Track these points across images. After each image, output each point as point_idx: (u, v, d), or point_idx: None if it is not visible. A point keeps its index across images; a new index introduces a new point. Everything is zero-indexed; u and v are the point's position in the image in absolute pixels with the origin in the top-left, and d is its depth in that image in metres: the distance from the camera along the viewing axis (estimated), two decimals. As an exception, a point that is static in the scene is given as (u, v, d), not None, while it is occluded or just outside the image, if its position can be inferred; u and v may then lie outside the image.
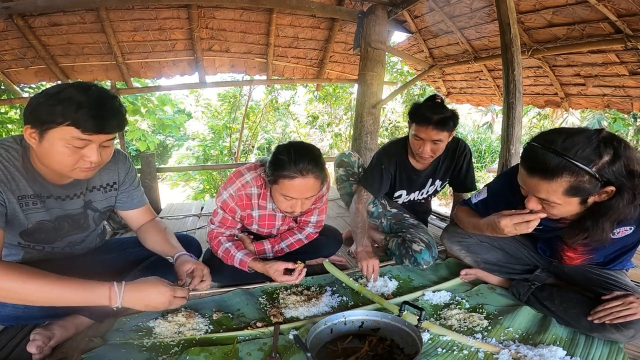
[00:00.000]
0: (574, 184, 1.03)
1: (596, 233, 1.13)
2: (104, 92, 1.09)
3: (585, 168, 1.01)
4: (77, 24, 3.56)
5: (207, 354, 1.16)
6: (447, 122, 1.73)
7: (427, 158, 1.85)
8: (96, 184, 1.33)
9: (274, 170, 1.37)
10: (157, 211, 3.74)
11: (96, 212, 1.37)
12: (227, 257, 1.59)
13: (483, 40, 3.78)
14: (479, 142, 13.49)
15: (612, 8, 2.59)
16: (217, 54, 4.33)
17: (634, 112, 3.49)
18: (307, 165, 1.33)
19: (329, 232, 1.90)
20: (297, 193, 1.36)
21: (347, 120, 9.65)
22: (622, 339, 1.18)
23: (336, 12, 3.94)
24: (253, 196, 1.56)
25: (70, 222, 1.29)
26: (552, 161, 1.03)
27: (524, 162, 1.13)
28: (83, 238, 1.38)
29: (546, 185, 1.06)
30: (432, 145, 1.78)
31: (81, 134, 1.04)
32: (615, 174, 1.01)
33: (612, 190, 1.04)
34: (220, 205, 1.58)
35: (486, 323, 1.34)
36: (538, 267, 1.55)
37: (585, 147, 1.01)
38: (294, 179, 1.34)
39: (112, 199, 1.39)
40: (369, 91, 3.83)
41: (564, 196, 1.07)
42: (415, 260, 1.80)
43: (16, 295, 0.95)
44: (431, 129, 1.73)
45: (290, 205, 1.41)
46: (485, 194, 1.53)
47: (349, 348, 1.18)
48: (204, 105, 10.24)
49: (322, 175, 1.40)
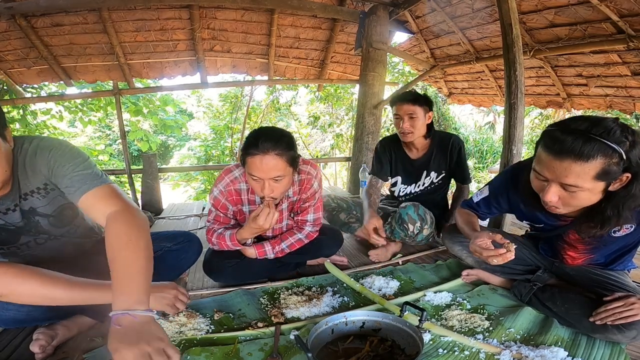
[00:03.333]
0: (606, 166, 1.02)
1: (617, 221, 1.13)
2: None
3: (619, 149, 1.00)
4: (79, 25, 3.57)
5: (208, 354, 1.16)
6: (419, 98, 2.04)
7: (408, 134, 2.06)
8: (27, 190, 1.11)
9: (242, 152, 1.45)
10: (159, 211, 3.75)
11: (48, 217, 1.19)
12: (220, 241, 1.59)
13: (485, 41, 3.77)
14: (481, 143, 13.46)
15: (614, 8, 2.58)
16: (219, 54, 4.34)
17: (636, 113, 3.48)
18: (267, 143, 1.37)
19: (329, 232, 1.91)
20: (260, 171, 1.40)
21: (348, 120, 9.65)
22: (623, 340, 1.18)
23: (337, 13, 3.95)
24: (242, 191, 1.60)
25: (20, 231, 1.16)
26: (586, 143, 1.01)
27: (552, 146, 1.07)
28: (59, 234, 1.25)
29: (579, 167, 1.03)
30: (409, 120, 2.03)
31: None
32: (634, 159, 1.02)
33: (628, 177, 1.04)
34: (213, 203, 1.61)
35: (487, 324, 1.33)
36: (540, 268, 1.55)
37: (617, 129, 1.01)
38: (255, 155, 1.39)
39: (59, 199, 1.18)
40: (371, 91, 3.83)
41: (593, 180, 1.04)
42: (400, 217, 1.91)
43: (28, 299, 0.96)
44: (405, 104, 2.03)
45: (260, 186, 1.44)
46: (487, 192, 1.53)
47: (350, 348, 1.18)
48: (206, 106, 10.27)
49: (286, 156, 1.41)
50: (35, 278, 0.97)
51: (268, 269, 1.76)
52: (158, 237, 1.53)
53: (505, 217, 2.53)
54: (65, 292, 1.00)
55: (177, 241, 1.52)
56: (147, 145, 7.20)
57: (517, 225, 2.68)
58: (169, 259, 1.45)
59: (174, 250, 1.49)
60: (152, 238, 1.50)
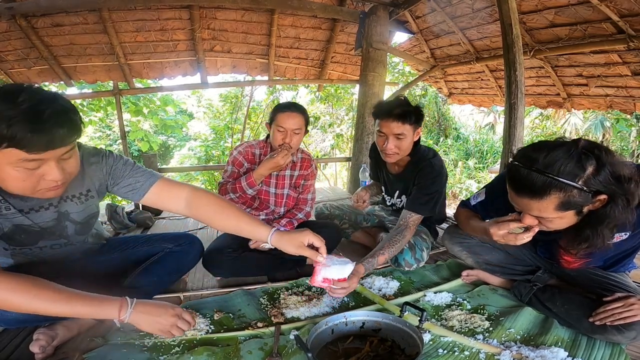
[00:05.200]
0: (564, 199, 1.02)
1: (597, 241, 1.12)
2: (39, 97, 0.89)
3: (571, 183, 0.99)
4: (79, 25, 3.58)
5: (210, 353, 1.16)
6: (409, 115, 1.69)
7: (392, 155, 1.76)
8: (69, 193, 1.17)
9: (273, 112, 1.85)
10: (159, 211, 3.74)
11: (76, 225, 1.23)
12: (236, 186, 1.80)
13: (485, 41, 3.77)
14: (481, 143, 13.47)
15: (614, 8, 2.58)
16: (219, 54, 4.34)
17: (636, 113, 3.48)
18: (294, 106, 1.85)
19: (328, 227, 1.96)
20: (287, 123, 1.78)
21: (348, 120, 9.66)
22: (623, 341, 1.18)
23: (337, 13, 3.95)
24: (256, 155, 1.94)
25: (42, 233, 1.17)
26: (537, 180, 1.02)
27: (511, 182, 1.12)
28: (74, 241, 1.27)
29: (537, 204, 1.06)
30: (395, 140, 1.71)
31: (27, 154, 0.88)
32: (603, 183, 1.00)
33: (605, 198, 1.03)
34: (231, 161, 1.90)
35: (487, 324, 1.33)
36: (540, 268, 1.55)
37: (568, 162, 0.99)
38: (285, 111, 1.81)
39: (92, 207, 1.26)
40: (371, 92, 3.83)
41: (556, 211, 1.06)
42: (396, 260, 1.77)
43: (28, 309, 0.95)
44: (392, 121, 1.68)
45: (283, 136, 1.80)
46: (484, 195, 1.53)
47: (350, 348, 1.18)
48: (206, 106, 10.29)
49: (305, 117, 1.84)
50: (33, 292, 0.94)
51: (267, 265, 1.78)
52: (160, 238, 1.54)
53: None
54: (64, 306, 0.97)
55: (179, 243, 1.52)
56: (147, 146, 7.21)
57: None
58: (170, 260, 1.45)
59: (176, 251, 1.50)
60: (153, 239, 1.54)
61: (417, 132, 1.77)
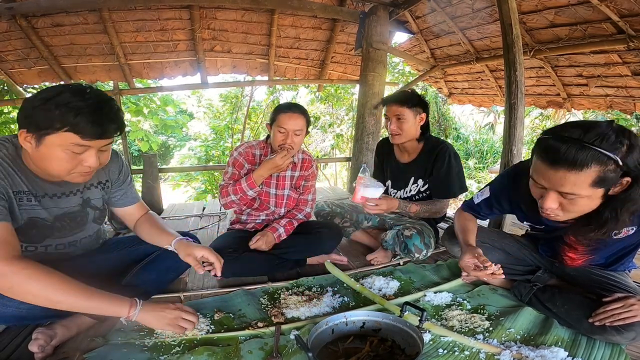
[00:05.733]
0: (602, 173, 1.00)
1: (614, 225, 1.12)
2: (101, 96, 1.08)
3: (613, 156, 0.98)
4: (79, 25, 3.57)
5: (210, 353, 1.16)
6: (409, 99, 1.95)
7: (396, 136, 2.00)
8: (93, 181, 1.33)
9: (274, 112, 1.84)
10: (159, 211, 3.74)
11: (96, 210, 1.36)
12: (237, 188, 1.80)
13: (485, 41, 3.77)
14: (481, 143, 13.45)
15: (615, 8, 2.58)
16: (219, 54, 4.34)
17: (636, 113, 3.48)
18: (295, 107, 1.84)
19: (329, 226, 1.98)
20: (288, 124, 1.78)
21: (348, 120, 9.64)
22: (622, 341, 1.18)
23: (337, 13, 3.95)
24: (256, 156, 1.94)
25: (69, 220, 1.27)
26: (579, 151, 1.00)
27: (545, 155, 1.07)
28: (80, 239, 1.34)
29: (574, 177, 1.02)
30: (396, 122, 1.96)
31: (80, 140, 1.04)
32: (633, 164, 1.00)
33: (628, 181, 1.03)
34: (232, 162, 1.89)
35: (487, 324, 1.34)
36: (540, 268, 1.55)
37: (609, 137, 0.99)
38: (287, 112, 1.80)
39: (105, 196, 1.41)
40: (371, 92, 3.83)
41: (591, 187, 1.03)
42: (406, 247, 1.84)
43: (44, 301, 1.01)
44: (393, 104, 1.97)
45: (284, 137, 1.79)
46: (488, 193, 1.53)
47: (350, 348, 1.18)
48: (206, 106, 10.26)
49: (306, 118, 1.84)
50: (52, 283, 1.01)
51: (267, 266, 1.79)
52: None
53: (506, 218, 2.53)
54: (80, 300, 1.04)
55: None
56: (147, 145, 7.21)
57: (517, 225, 2.68)
58: (169, 259, 1.45)
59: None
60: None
61: (421, 118, 1.99)
